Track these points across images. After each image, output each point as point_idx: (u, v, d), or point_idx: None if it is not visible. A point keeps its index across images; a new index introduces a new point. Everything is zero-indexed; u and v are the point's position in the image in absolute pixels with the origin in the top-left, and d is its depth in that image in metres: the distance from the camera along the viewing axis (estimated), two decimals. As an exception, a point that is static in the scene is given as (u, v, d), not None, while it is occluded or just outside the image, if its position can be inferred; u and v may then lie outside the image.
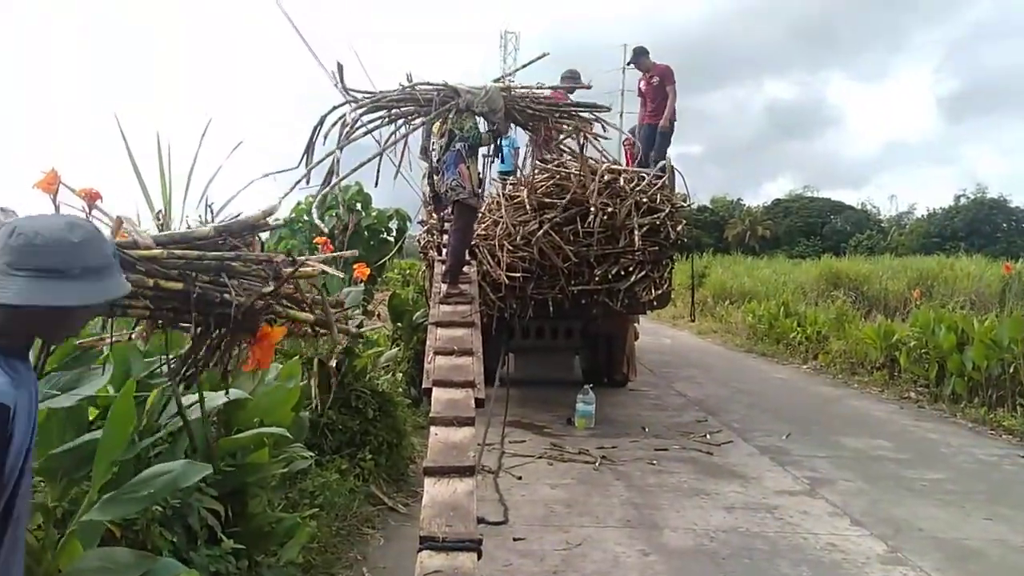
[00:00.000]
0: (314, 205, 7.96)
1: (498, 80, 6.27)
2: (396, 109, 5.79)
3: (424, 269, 9.62)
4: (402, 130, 5.83)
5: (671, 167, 8.18)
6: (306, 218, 10.50)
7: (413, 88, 5.80)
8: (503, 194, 7.59)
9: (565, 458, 6.31)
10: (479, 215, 6.77)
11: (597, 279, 7.33)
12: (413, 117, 5.85)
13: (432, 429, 3.77)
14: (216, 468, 2.89)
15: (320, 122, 5.63)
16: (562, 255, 7.13)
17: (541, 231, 7.06)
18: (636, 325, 9.89)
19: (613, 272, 7.37)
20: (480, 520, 3.17)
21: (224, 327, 2.38)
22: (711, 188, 57.36)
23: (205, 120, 3.08)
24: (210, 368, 2.64)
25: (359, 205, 13.09)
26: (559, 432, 7.30)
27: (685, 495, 5.44)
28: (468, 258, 6.46)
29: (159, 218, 2.83)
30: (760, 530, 4.76)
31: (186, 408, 2.74)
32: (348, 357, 5.03)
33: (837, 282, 18.19)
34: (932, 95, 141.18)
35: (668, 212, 7.46)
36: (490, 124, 5.92)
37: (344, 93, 5.76)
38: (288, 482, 3.85)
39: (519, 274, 7.10)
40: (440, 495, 3.18)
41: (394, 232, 13.81)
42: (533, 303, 7.47)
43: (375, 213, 13.58)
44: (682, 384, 10.35)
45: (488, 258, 7.17)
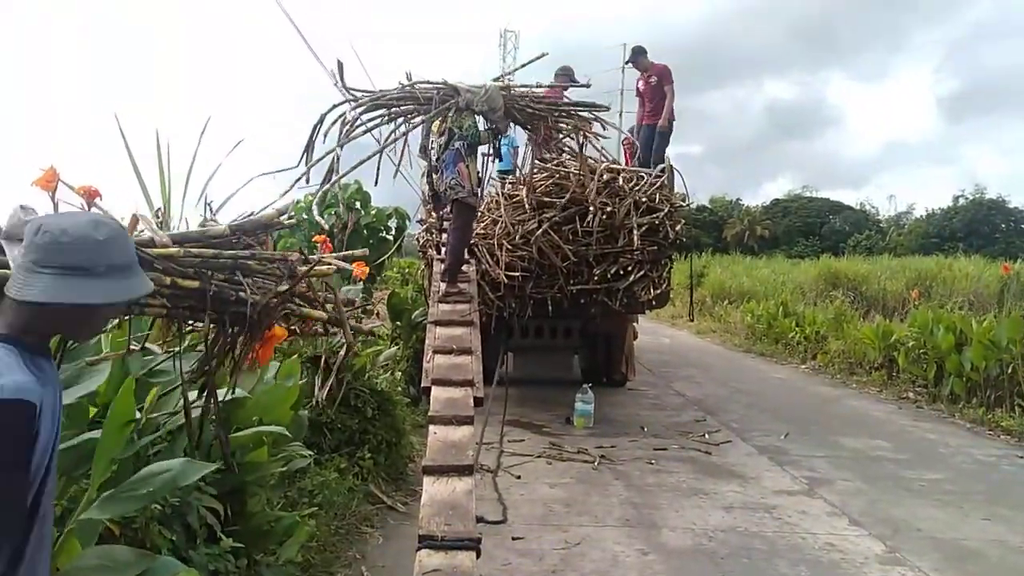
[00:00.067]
0: (314, 203, 7.96)
1: (497, 79, 6.26)
2: (396, 108, 5.79)
3: (423, 268, 9.61)
4: (401, 128, 5.83)
5: (670, 167, 8.18)
6: (305, 216, 10.51)
7: (413, 87, 5.80)
8: (502, 193, 7.59)
9: (564, 457, 6.31)
10: (478, 214, 6.77)
11: (596, 278, 7.33)
12: (412, 116, 5.85)
13: (431, 428, 3.77)
14: (229, 464, 2.90)
15: (320, 120, 5.64)
16: (561, 254, 7.14)
17: (540, 230, 7.06)
18: (635, 325, 9.89)
19: (612, 271, 7.38)
20: (479, 519, 3.17)
21: (239, 326, 2.38)
22: (710, 188, 57.49)
23: (205, 120, 3.09)
24: (224, 367, 2.63)
25: (358, 204, 13.09)
26: (558, 431, 7.30)
27: (684, 495, 5.44)
28: (467, 257, 6.46)
29: (158, 216, 2.83)
30: (759, 530, 4.76)
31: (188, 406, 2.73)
32: (346, 355, 5.02)
33: (836, 282, 18.20)
34: (932, 95, 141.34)
35: (667, 212, 7.47)
36: (489, 123, 5.92)
37: (344, 91, 5.76)
38: (287, 481, 3.85)
39: (518, 273, 7.10)
40: (439, 494, 3.18)
41: (393, 231, 13.83)
42: (532, 302, 7.47)
43: (374, 211, 13.61)
44: (681, 384, 10.36)
45: (487, 257, 7.16)
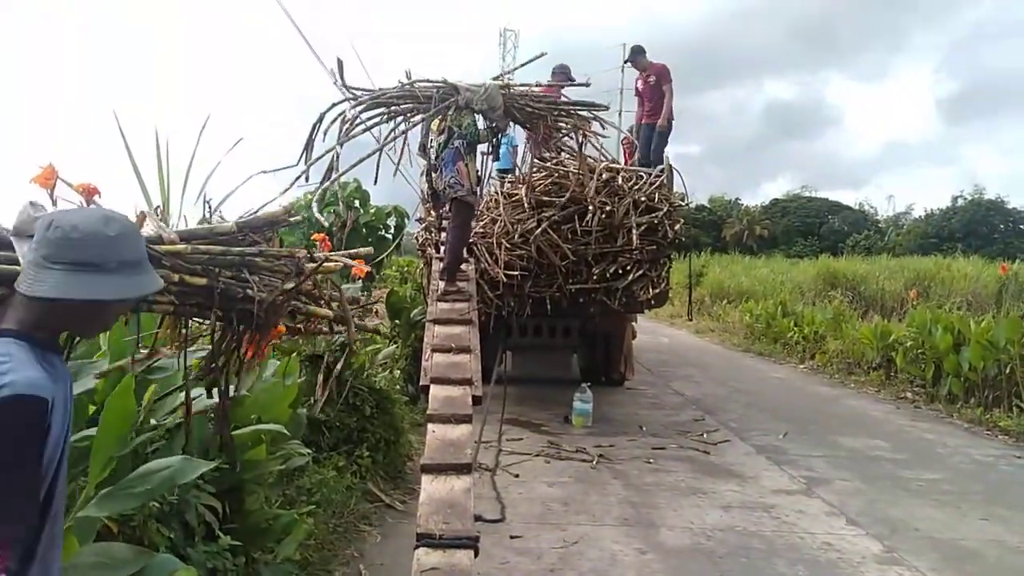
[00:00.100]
0: (313, 200, 7.96)
1: (497, 78, 6.26)
2: (395, 106, 5.79)
3: (422, 266, 9.62)
4: (401, 127, 5.82)
5: (669, 166, 8.18)
6: (304, 214, 10.50)
7: (412, 85, 5.79)
8: (501, 192, 7.59)
9: (562, 456, 6.32)
10: (477, 212, 6.77)
11: (595, 278, 7.33)
12: (412, 114, 5.84)
13: (429, 426, 3.77)
14: (233, 462, 2.89)
15: (320, 119, 5.63)
16: (560, 253, 7.13)
17: (539, 229, 7.06)
18: (634, 324, 9.89)
19: (611, 271, 7.37)
20: (477, 517, 3.16)
21: (246, 323, 2.38)
22: (710, 188, 57.53)
23: (204, 119, 3.08)
24: (230, 364, 2.63)
25: (357, 202, 13.08)
26: (556, 430, 7.30)
27: (682, 494, 5.45)
28: (466, 256, 6.45)
29: (157, 213, 2.82)
30: (757, 529, 4.76)
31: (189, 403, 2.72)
32: (345, 354, 5.02)
33: (834, 282, 18.21)
34: (931, 96, 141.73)
35: (666, 211, 7.46)
36: (489, 121, 5.91)
37: (343, 90, 5.76)
38: (285, 479, 3.85)
39: (517, 272, 7.09)
40: (437, 492, 3.18)
41: (392, 229, 13.83)
42: (531, 301, 7.47)
43: (373, 210, 13.60)
44: (679, 383, 10.36)
45: (486, 256, 7.16)
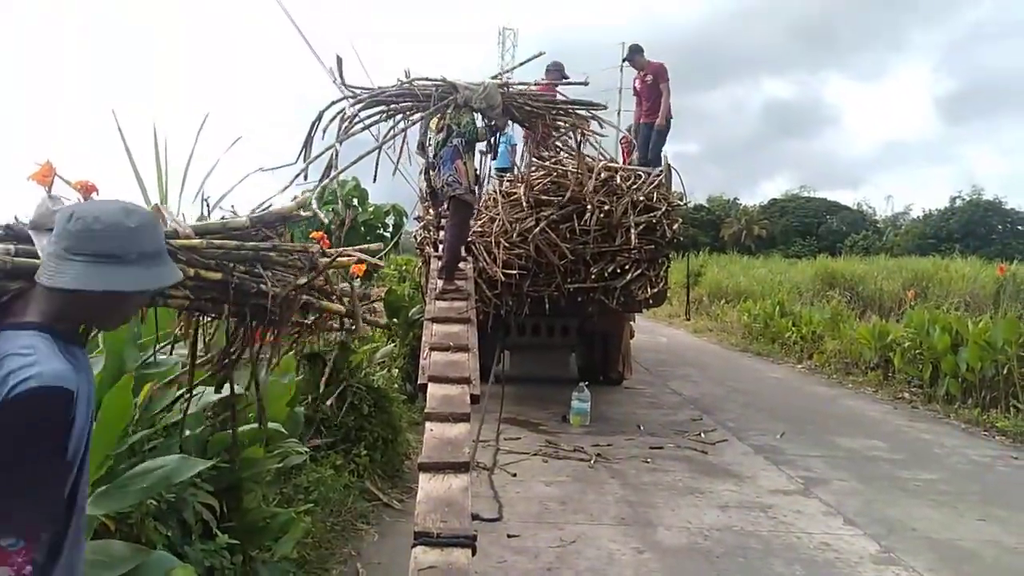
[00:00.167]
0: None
1: (496, 77, 6.26)
2: (394, 104, 5.77)
3: (420, 265, 9.61)
4: (400, 125, 5.81)
5: (668, 165, 8.19)
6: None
7: (411, 84, 5.78)
8: (500, 191, 7.58)
9: (560, 455, 6.32)
10: (475, 211, 6.76)
11: (593, 277, 7.33)
12: (411, 112, 5.83)
13: (427, 425, 3.77)
14: (234, 459, 2.89)
15: (319, 117, 5.61)
16: (558, 252, 7.13)
17: (538, 228, 7.06)
18: (632, 323, 9.90)
19: (609, 270, 7.37)
20: (474, 516, 3.16)
21: (259, 318, 2.38)
22: (708, 187, 57.64)
23: (203, 117, 3.07)
24: (241, 359, 2.63)
25: (356, 201, 13.07)
26: (554, 429, 7.30)
27: (680, 493, 5.45)
28: (464, 254, 6.45)
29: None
30: (754, 529, 4.77)
31: (179, 402, 2.72)
32: (344, 352, 5.02)
33: (832, 282, 18.25)
34: (930, 95, 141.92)
35: (664, 211, 7.47)
36: (488, 120, 5.90)
37: (343, 88, 5.74)
38: (283, 477, 3.84)
39: (515, 271, 7.09)
40: (435, 491, 3.18)
41: (390, 228, 13.82)
42: (529, 300, 7.47)
43: (372, 208, 13.58)
44: (677, 383, 10.37)
45: (484, 255, 7.16)
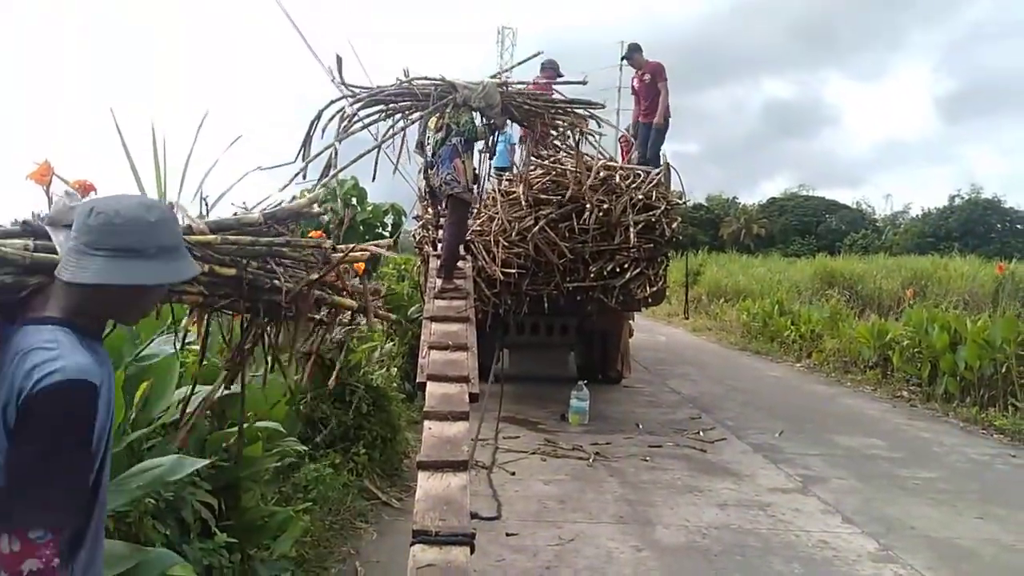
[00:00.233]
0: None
1: (495, 76, 6.26)
2: (393, 103, 5.77)
3: (419, 264, 9.61)
4: (399, 124, 5.81)
5: (667, 164, 8.19)
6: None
7: (410, 83, 5.78)
8: (499, 190, 7.58)
9: (559, 454, 6.32)
10: (473, 210, 6.76)
11: (592, 276, 7.33)
12: (410, 112, 5.83)
13: (426, 424, 3.77)
14: (238, 457, 2.88)
15: (318, 116, 5.61)
16: (557, 251, 7.13)
17: (537, 227, 7.06)
18: (631, 322, 9.90)
19: (608, 269, 7.37)
20: (473, 515, 3.16)
21: (272, 314, 2.39)
22: (708, 186, 57.72)
23: (203, 116, 3.06)
24: (253, 355, 2.64)
25: (354, 200, 13.04)
26: (553, 428, 7.31)
27: (678, 492, 5.45)
28: (463, 253, 6.45)
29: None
30: (753, 527, 4.77)
31: (183, 400, 2.72)
32: (343, 352, 5.01)
33: (831, 281, 18.25)
34: (930, 95, 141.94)
35: (663, 209, 7.47)
36: (486, 119, 5.91)
37: (342, 87, 5.74)
38: (281, 476, 3.85)
39: (514, 270, 7.09)
40: (433, 489, 3.18)
41: (389, 227, 13.79)
42: (528, 299, 7.47)
43: (371, 207, 13.56)
44: (676, 381, 10.37)
45: (483, 253, 7.16)
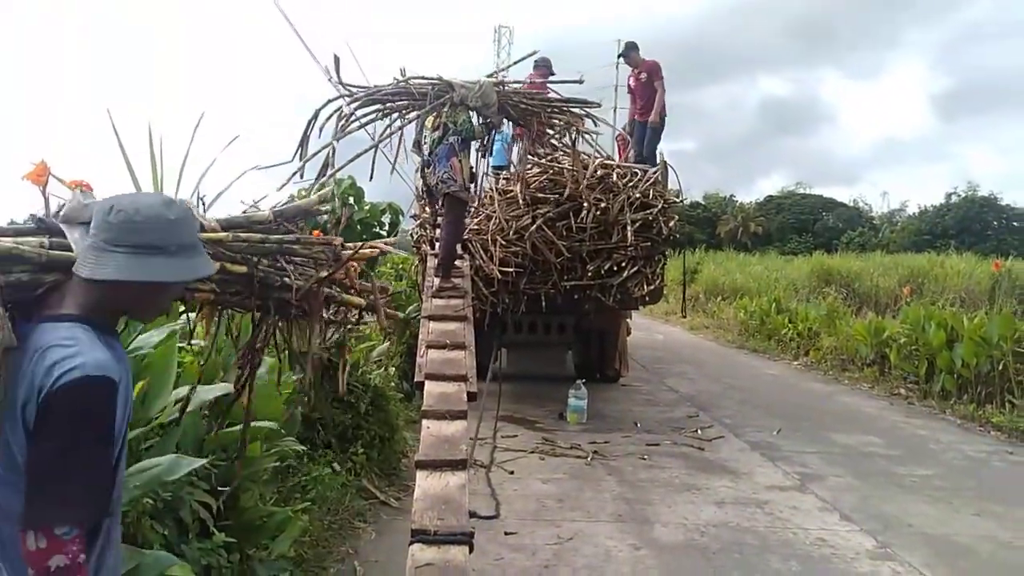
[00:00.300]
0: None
1: (491, 75, 6.26)
2: (391, 103, 5.77)
3: (417, 263, 9.60)
4: (396, 123, 5.81)
5: (664, 163, 8.19)
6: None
7: (407, 82, 5.78)
8: (496, 188, 7.58)
9: (557, 453, 6.33)
10: (470, 208, 6.76)
11: (590, 274, 7.34)
12: (407, 111, 5.83)
13: (424, 423, 3.77)
14: (242, 456, 2.90)
15: (315, 115, 5.61)
16: (555, 250, 7.14)
17: (534, 226, 7.06)
18: (628, 321, 9.90)
19: (606, 267, 7.38)
20: (472, 514, 3.16)
21: (282, 312, 2.39)
22: (704, 184, 57.78)
23: (200, 115, 3.06)
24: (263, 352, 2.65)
25: (351, 199, 13.01)
26: (551, 427, 7.31)
27: (676, 490, 5.46)
28: (461, 252, 6.45)
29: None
30: (750, 525, 4.78)
31: (180, 401, 2.72)
32: (343, 352, 5.01)
33: (828, 279, 18.26)
34: (926, 93, 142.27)
35: (661, 208, 7.47)
36: (483, 118, 5.91)
37: (339, 87, 5.74)
38: (280, 476, 3.85)
39: (512, 269, 7.09)
40: (432, 488, 3.18)
41: (387, 226, 13.77)
42: (526, 298, 7.48)
43: (368, 207, 13.53)
44: (674, 380, 10.38)
45: (481, 252, 7.16)
